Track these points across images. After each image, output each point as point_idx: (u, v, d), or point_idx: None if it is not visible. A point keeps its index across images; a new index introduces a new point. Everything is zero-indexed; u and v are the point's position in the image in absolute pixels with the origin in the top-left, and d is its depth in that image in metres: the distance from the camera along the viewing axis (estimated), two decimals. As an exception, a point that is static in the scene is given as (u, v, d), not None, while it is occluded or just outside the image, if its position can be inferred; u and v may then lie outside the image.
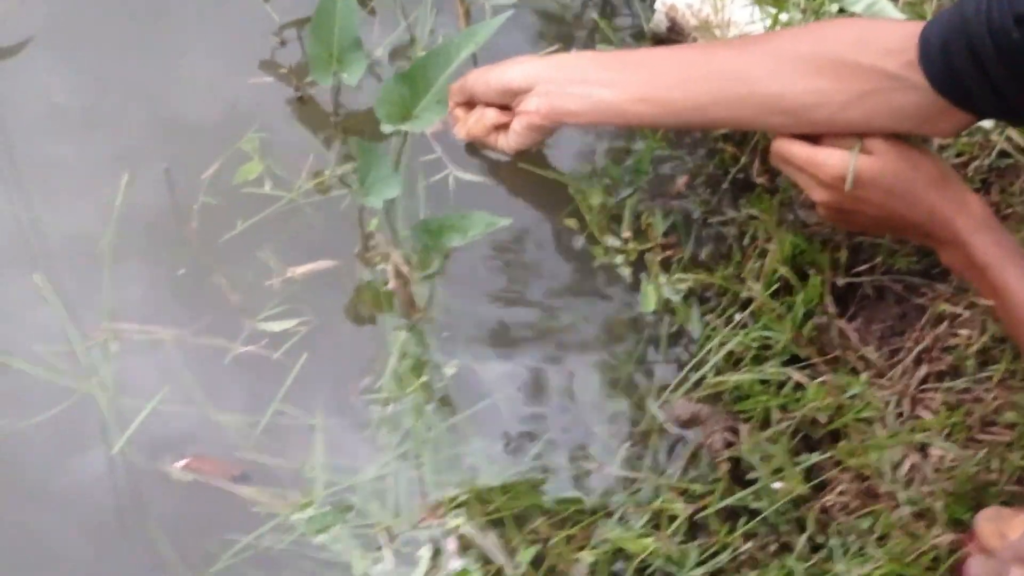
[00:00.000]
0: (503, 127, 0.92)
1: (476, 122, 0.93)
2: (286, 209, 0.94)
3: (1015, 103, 0.72)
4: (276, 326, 0.88)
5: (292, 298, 0.90)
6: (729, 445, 0.86)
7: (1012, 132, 0.92)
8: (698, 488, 0.84)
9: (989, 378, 0.81)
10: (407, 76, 0.81)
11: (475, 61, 0.95)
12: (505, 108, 0.91)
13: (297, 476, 0.83)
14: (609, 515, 0.84)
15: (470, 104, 0.94)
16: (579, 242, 0.97)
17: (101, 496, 0.81)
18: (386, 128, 0.82)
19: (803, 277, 0.90)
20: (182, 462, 0.83)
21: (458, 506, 0.83)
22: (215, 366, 0.86)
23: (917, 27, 0.74)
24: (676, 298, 0.94)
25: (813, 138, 0.81)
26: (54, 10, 1.00)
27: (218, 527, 0.81)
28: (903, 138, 0.79)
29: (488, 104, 0.92)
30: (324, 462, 0.84)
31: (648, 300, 0.94)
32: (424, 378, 0.87)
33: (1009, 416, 0.78)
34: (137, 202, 0.92)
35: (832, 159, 0.80)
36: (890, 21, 0.92)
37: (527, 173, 0.96)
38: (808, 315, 0.87)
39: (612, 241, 0.96)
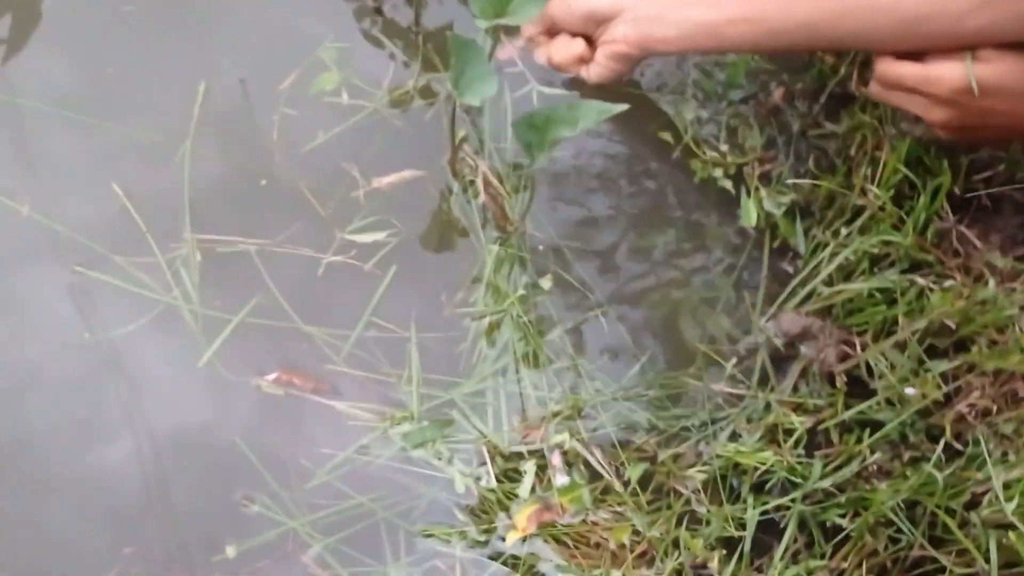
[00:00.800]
0: (588, 59, 0.88)
1: (560, 50, 0.89)
2: (369, 121, 0.90)
3: None
4: (365, 237, 0.84)
5: (380, 209, 0.86)
6: (844, 359, 0.81)
7: None
8: (813, 402, 0.79)
9: None
10: (505, -32, 0.77)
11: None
12: (587, 38, 0.87)
13: (392, 391, 0.79)
14: (718, 433, 0.79)
15: (551, 32, 0.90)
16: (674, 156, 0.92)
17: (189, 409, 0.77)
18: (481, 23, 0.78)
19: (922, 187, 0.85)
20: (271, 376, 0.79)
21: (561, 422, 0.79)
22: (302, 278, 0.82)
23: None
24: (778, 212, 0.89)
25: (916, 58, 0.76)
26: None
27: (312, 442, 0.77)
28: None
29: (570, 32, 0.88)
30: (420, 376, 0.79)
31: (749, 214, 0.89)
32: (520, 292, 0.83)
33: None
34: (215, 113, 0.88)
35: (950, 72, 0.75)
36: None
37: (614, 86, 0.91)
38: (929, 222, 0.82)
39: (709, 154, 0.91)
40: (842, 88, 0.95)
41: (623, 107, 0.76)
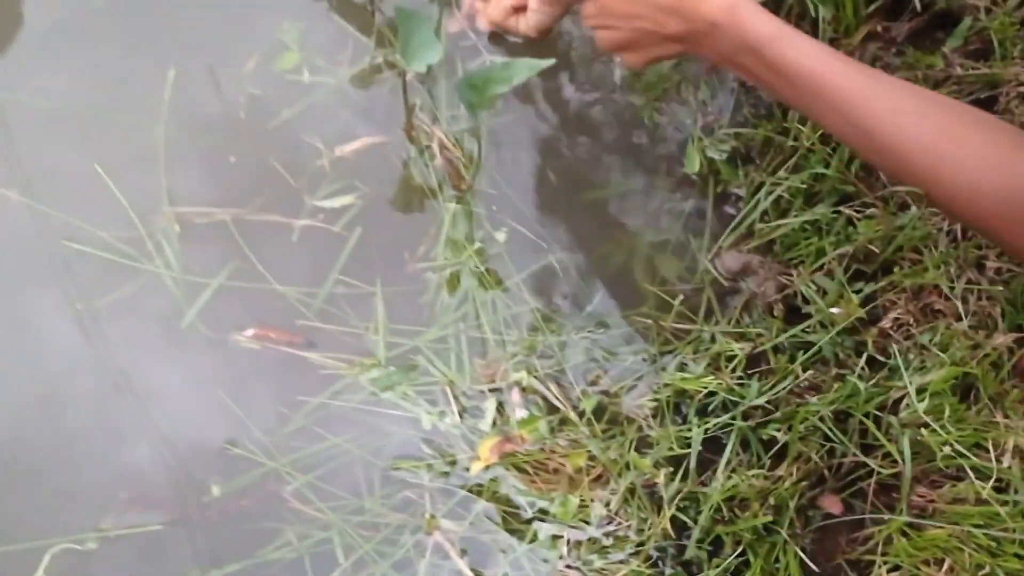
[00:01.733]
0: (522, 10, 0.91)
1: (494, 6, 0.92)
2: (330, 96, 0.95)
3: None
4: (333, 202, 0.90)
5: (344, 176, 0.92)
6: (782, 289, 0.87)
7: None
8: (754, 331, 0.85)
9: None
10: (443, -58, 0.83)
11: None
12: None
13: (361, 342, 0.86)
14: (667, 365, 0.85)
15: None
16: (622, 108, 0.97)
17: (174, 366, 0.84)
18: (425, -6, 0.84)
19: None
20: (248, 332, 0.85)
21: (520, 361, 0.85)
22: (275, 243, 0.89)
23: None
24: (720, 157, 0.94)
25: None
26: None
27: (289, 391, 0.83)
28: None
29: None
30: (386, 327, 0.86)
31: (692, 161, 0.95)
32: (477, 244, 0.89)
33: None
34: (185, 98, 0.94)
35: None
36: None
37: (564, 51, 0.97)
38: (853, 158, 0.88)
39: (654, 107, 0.97)
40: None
41: (551, 61, 0.81)
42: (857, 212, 0.85)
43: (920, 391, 0.72)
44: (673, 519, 0.77)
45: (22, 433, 0.81)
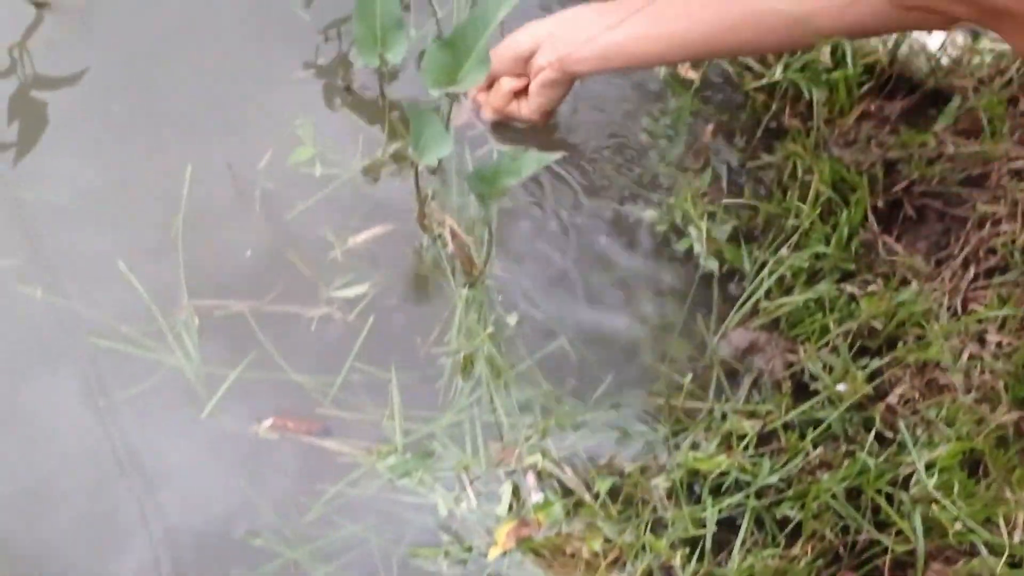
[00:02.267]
0: (523, 94, 0.96)
1: (495, 94, 0.96)
2: (344, 187, 0.99)
3: None
4: (348, 292, 0.93)
5: (359, 265, 0.94)
6: (790, 366, 0.89)
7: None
8: (764, 408, 0.86)
9: (1037, 269, 0.83)
10: (449, 42, 0.86)
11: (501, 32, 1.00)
12: (522, 79, 0.95)
13: (377, 428, 0.87)
14: (680, 444, 0.86)
15: (490, 86, 0.98)
16: (626, 191, 1.01)
17: (194, 457, 0.85)
18: (433, 92, 0.87)
19: (845, 204, 0.93)
20: (267, 422, 0.87)
21: (534, 444, 0.86)
22: (292, 332, 0.91)
23: None
24: (722, 237, 0.97)
25: None
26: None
27: (307, 479, 0.85)
28: None
29: (505, 77, 0.96)
30: (402, 413, 0.87)
31: (695, 242, 0.97)
32: (490, 329, 0.91)
33: (1061, 299, 0.80)
34: (203, 193, 0.98)
35: None
36: None
37: (562, 144, 1.01)
38: (853, 235, 0.90)
39: (655, 197, 1.00)
40: (776, 122, 1.04)
41: (559, 155, 0.84)
42: (859, 288, 0.87)
43: (929, 467, 0.74)
44: (691, 600, 0.78)
45: (46, 537, 0.82)
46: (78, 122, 1.01)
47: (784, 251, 0.93)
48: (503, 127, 1.01)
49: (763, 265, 0.93)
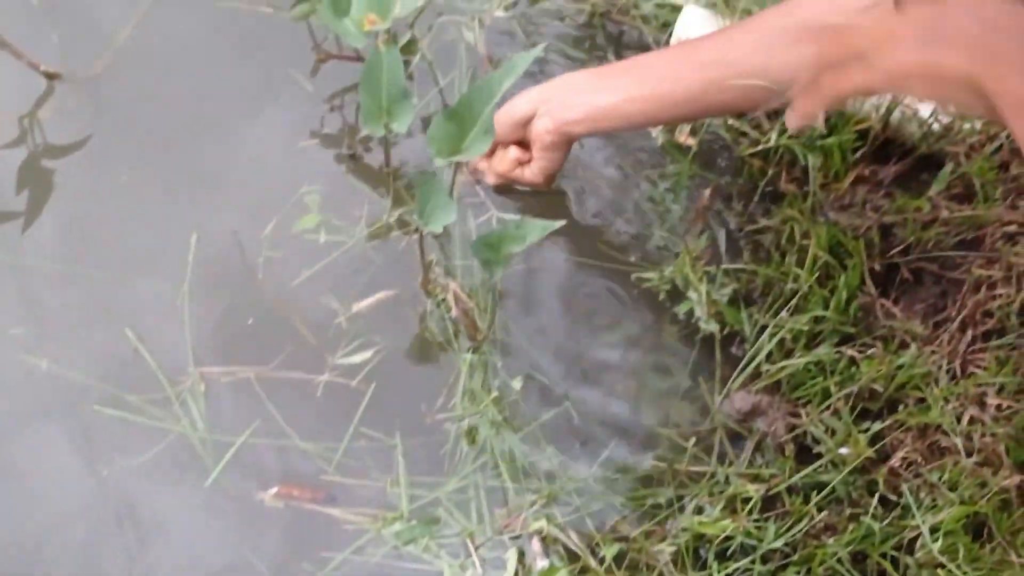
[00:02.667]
0: (526, 162, 0.98)
1: (499, 160, 0.99)
2: (349, 254, 1.00)
3: None
4: (353, 359, 0.94)
5: (363, 331, 0.95)
6: (792, 429, 0.89)
7: None
8: (767, 472, 0.87)
9: (1034, 332, 0.84)
10: (454, 112, 0.88)
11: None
12: (521, 144, 0.97)
13: (382, 495, 0.87)
14: (684, 508, 0.87)
15: (491, 152, 1.00)
16: (625, 263, 1.02)
17: (198, 525, 0.85)
18: (439, 162, 0.89)
19: (843, 267, 0.95)
20: (273, 489, 0.87)
21: (539, 509, 0.86)
22: (297, 398, 0.92)
23: None
24: (723, 300, 0.98)
25: None
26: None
27: (313, 547, 0.85)
28: None
29: (506, 144, 0.98)
30: (407, 479, 0.88)
31: (694, 305, 0.98)
32: (494, 394, 0.92)
33: (1058, 362, 0.81)
34: (208, 261, 0.99)
35: None
36: None
37: (563, 209, 1.02)
38: (852, 299, 0.92)
39: (656, 260, 1.01)
40: (772, 187, 1.06)
41: (562, 223, 0.86)
42: (858, 352, 0.88)
43: (933, 530, 0.74)
44: (699, 667, 0.78)
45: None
46: (86, 190, 1.03)
47: (784, 314, 0.94)
48: (504, 189, 1.03)
49: (763, 328, 0.95)
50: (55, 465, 0.88)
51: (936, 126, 1.01)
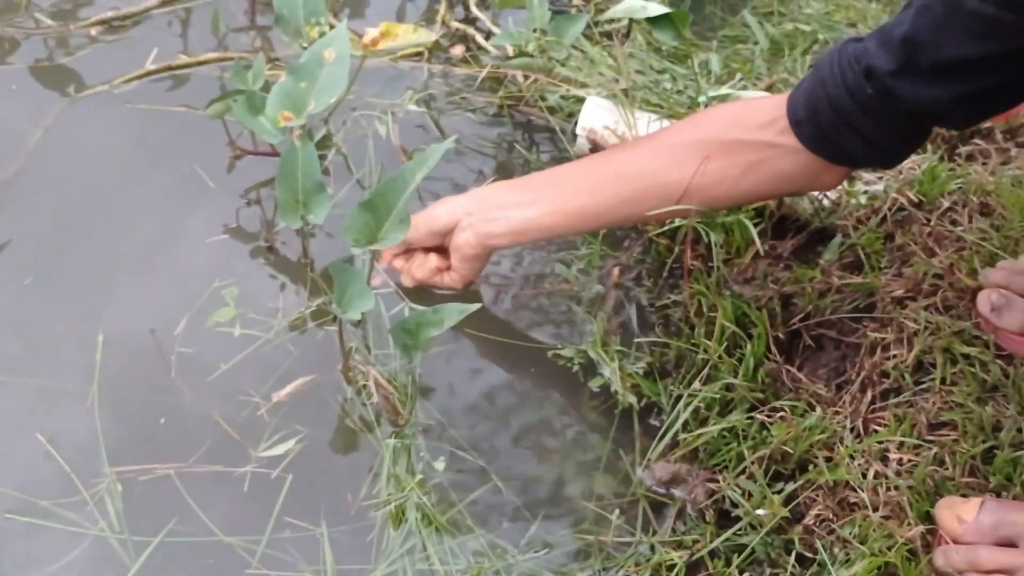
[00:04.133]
0: (444, 269, 1.01)
1: (420, 267, 1.01)
2: (266, 346, 1.00)
3: (884, 149, 0.82)
4: (276, 450, 0.93)
5: (284, 420, 0.95)
6: (711, 495, 0.92)
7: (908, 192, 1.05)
8: (690, 538, 0.89)
9: (926, 388, 0.89)
10: (370, 203, 0.90)
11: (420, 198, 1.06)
12: (438, 249, 1.00)
13: (310, 585, 0.86)
14: (612, 580, 0.88)
15: (407, 253, 1.02)
16: (541, 343, 1.05)
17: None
18: (355, 251, 0.91)
19: (749, 337, 0.99)
20: (196, 587, 0.85)
21: (468, 590, 0.86)
22: (219, 492, 0.90)
23: (783, 98, 0.84)
24: (639, 373, 1.01)
25: None
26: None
27: (239, 645, 0.83)
28: None
29: (422, 247, 1.00)
30: (334, 568, 0.87)
31: (609, 380, 1.01)
32: (419, 476, 0.92)
33: (951, 415, 0.86)
34: (121, 361, 0.98)
35: None
36: (759, 98, 1.05)
37: (478, 292, 1.05)
38: (759, 366, 0.96)
39: (571, 338, 1.04)
40: (679, 263, 1.11)
41: (477, 306, 0.88)
42: (768, 416, 0.92)
43: (849, 584, 0.77)
44: None
45: None
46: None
47: (697, 384, 0.98)
48: (418, 290, 1.04)
49: (679, 398, 0.98)
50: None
51: (826, 202, 1.07)
